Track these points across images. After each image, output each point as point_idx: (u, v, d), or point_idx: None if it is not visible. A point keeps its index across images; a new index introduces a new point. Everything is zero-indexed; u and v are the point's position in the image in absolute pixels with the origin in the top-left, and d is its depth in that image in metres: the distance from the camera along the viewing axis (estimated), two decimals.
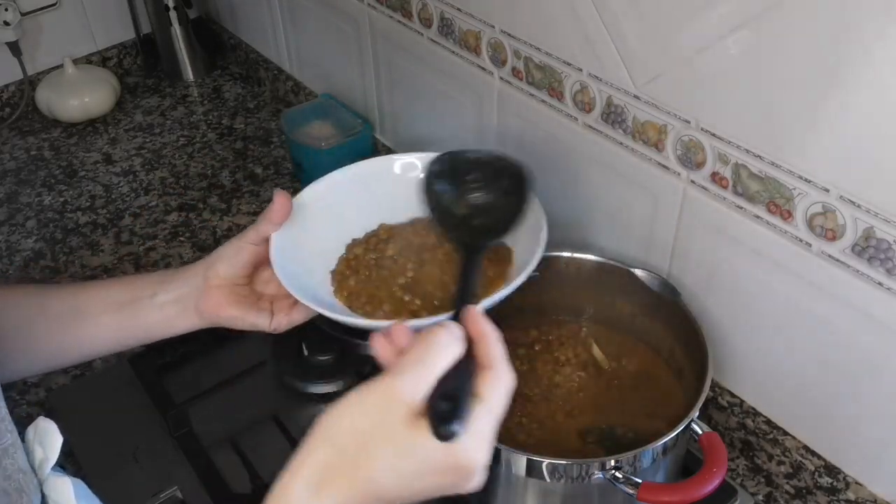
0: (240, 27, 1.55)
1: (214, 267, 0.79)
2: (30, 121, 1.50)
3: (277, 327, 0.80)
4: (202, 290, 0.78)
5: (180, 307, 0.79)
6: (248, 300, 0.80)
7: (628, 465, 0.70)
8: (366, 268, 0.86)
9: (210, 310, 0.78)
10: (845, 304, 0.72)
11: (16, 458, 0.60)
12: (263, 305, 0.80)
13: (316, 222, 0.87)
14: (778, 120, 0.70)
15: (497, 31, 0.93)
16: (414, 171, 0.92)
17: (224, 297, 0.78)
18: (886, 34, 0.59)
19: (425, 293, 0.84)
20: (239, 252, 0.79)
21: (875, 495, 0.78)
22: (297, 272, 0.81)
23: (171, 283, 0.79)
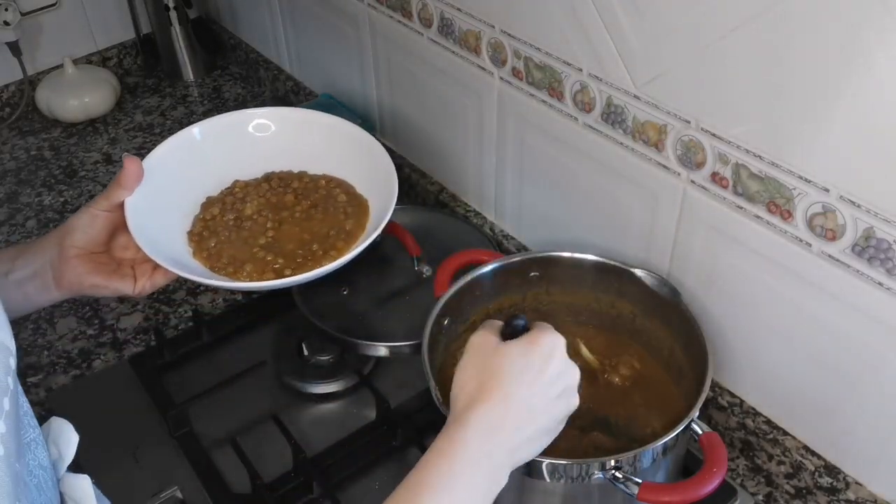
0: (240, 27, 1.55)
1: (70, 237, 0.78)
2: (30, 121, 1.50)
3: (141, 291, 0.80)
4: (59, 262, 0.77)
5: (38, 282, 0.78)
6: (108, 267, 0.79)
7: (628, 465, 0.70)
8: (224, 228, 0.87)
9: (71, 281, 0.78)
10: (845, 304, 0.72)
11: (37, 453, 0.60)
12: (125, 271, 0.80)
13: (170, 182, 0.87)
14: (778, 120, 0.70)
15: (497, 31, 0.93)
16: (267, 132, 0.93)
17: (83, 266, 0.78)
18: (886, 34, 0.59)
19: (286, 252, 0.85)
20: (93, 220, 0.78)
21: (875, 495, 0.78)
22: (156, 235, 0.81)
23: (24, 258, 0.78)
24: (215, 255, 0.85)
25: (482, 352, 0.68)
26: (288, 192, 0.91)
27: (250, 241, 0.86)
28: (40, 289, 0.78)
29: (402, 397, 0.92)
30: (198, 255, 0.85)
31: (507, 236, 1.10)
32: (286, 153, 0.94)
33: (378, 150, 0.91)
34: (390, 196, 0.85)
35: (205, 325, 1.01)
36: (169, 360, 0.99)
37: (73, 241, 0.77)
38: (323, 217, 0.89)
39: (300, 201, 0.90)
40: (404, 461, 0.89)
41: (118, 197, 0.79)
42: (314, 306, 0.96)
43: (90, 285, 0.78)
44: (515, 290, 0.90)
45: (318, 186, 0.93)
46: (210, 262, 0.84)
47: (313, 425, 0.93)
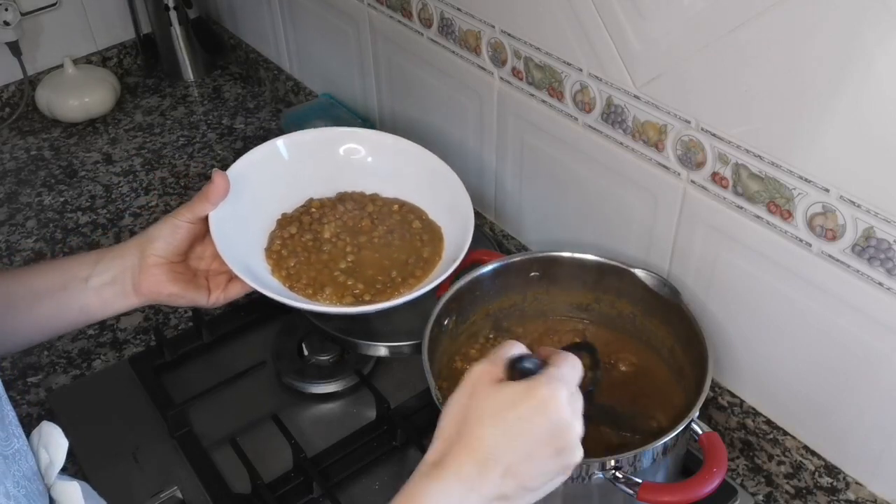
0: (240, 27, 1.55)
1: (152, 245, 0.78)
2: (30, 121, 1.50)
3: (215, 302, 0.81)
4: (139, 269, 0.78)
5: (117, 288, 0.78)
6: (185, 277, 0.80)
7: (628, 465, 0.70)
8: (303, 249, 0.87)
9: (150, 288, 0.78)
10: (845, 304, 0.72)
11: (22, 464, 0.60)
12: (200, 282, 0.81)
13: (248, 195, 0.87)
14: (778, 120, 0.70)
15: (497, 31, 0.93)
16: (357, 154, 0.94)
17: (163, 275, 0.78)
18: (887, 34, 0.59)
19: (366, 277, 0.85)
20: (176, 230, 0.79)
21: (875, 495, 0.78)
22: (236, 249, 0.82)
23: (104, 263, 0.79)
24: (294, 276, 0.85)
25: (476, 388, 0.61)
26: (364, 217, 0.91)
27: (330, 265, 0.86)
28: (119, 295, 0.79)
29: (402, 397, 0.92)
30: (276, 274, 0.85)
31: (507, 236, 1.10)
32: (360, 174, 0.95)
33: (454, 180, 0.91)
34: (466, 226, 0.85)
35: (205, 325, 1.01)
36: (169, 360, 0.99)
37: (155, 249, 0.79)
38: (400, 243, 0.90)
39: (377, 226, 0.90)
40: (404, 461, 0.89)
41: (203, 210, 0.80)
42: None
43: (168, 294, 0.79)
44: (515, 290, 0.90)
45: (392, 211, 0.93)
46: (289, 281, 0.84)
47: (313, 425, 0.93)
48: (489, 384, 0.60)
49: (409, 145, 0.96)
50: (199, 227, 0.81)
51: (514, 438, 0.58)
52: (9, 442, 0.59)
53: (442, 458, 0.58)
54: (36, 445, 0.66)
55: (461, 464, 0.58)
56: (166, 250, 0.79)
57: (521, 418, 0.58)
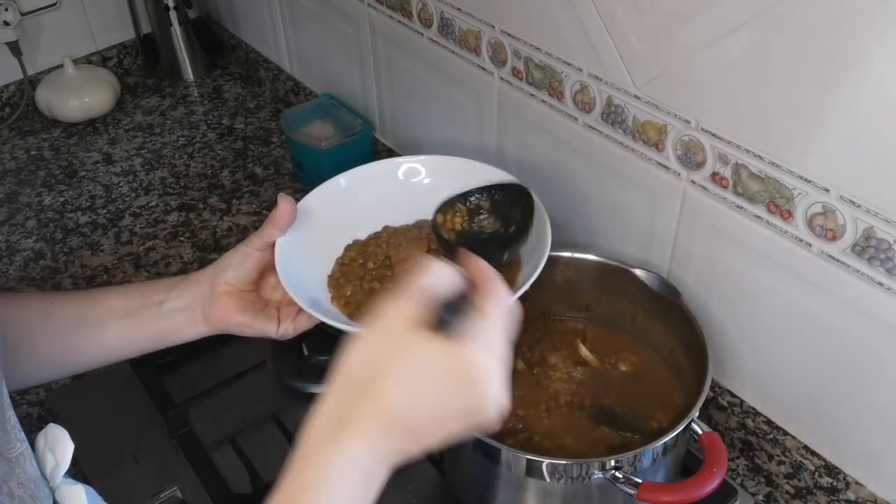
0: (240, 27, 1.55)
1: (222, 274, 0.79)
2: (30, 121, 1.50)
3: (284, 334, 0.80)
4: (210, 297, 0.78)
5: (189, 314, 0.79)
6: (255, 307, 0.80)
7: (628, 465, 0.70)
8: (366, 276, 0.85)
9: (219, 317, 0.78)
10: (845, 304, 0.72)
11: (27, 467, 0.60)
12: (270, 312, 0.80)
13: (320, 227, 0.86)
14: (778, 120, 0.70)
15: (497, 31, 0.93)
16: (417, 176, 0.92)
17: (232, 303, 0.78)
18: (886, 34, 0.59)
19: None
20: (245, 258, 0.79)
21: (875, 495, 0.78)
22: (302, 279, 0.81)
23: (178, 290, 0.79)
24: (353, 304, 0.82)
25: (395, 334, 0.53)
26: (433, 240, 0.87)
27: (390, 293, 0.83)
28: (189, 321, 0.79)
29: None
30: (335, 302, 0.82)
31: None
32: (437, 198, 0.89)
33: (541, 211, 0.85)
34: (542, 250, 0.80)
35: None
36: (169, 360, 0.99)
37: (224, 277, 0.79)
38: None
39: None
40: None
41: (271, 236, 0.80)
42: None
43: (236, 323, 0.79)
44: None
45: None
46: (347, 309, 0.81)
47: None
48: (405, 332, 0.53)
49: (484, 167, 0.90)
50: (270, 255, 0.80)
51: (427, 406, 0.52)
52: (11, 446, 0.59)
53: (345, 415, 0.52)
54: (42, 448, 0.66)
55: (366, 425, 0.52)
56: (236, 278, 0.79)
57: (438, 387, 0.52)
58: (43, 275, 1.17)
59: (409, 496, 0.86)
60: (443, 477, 0.86)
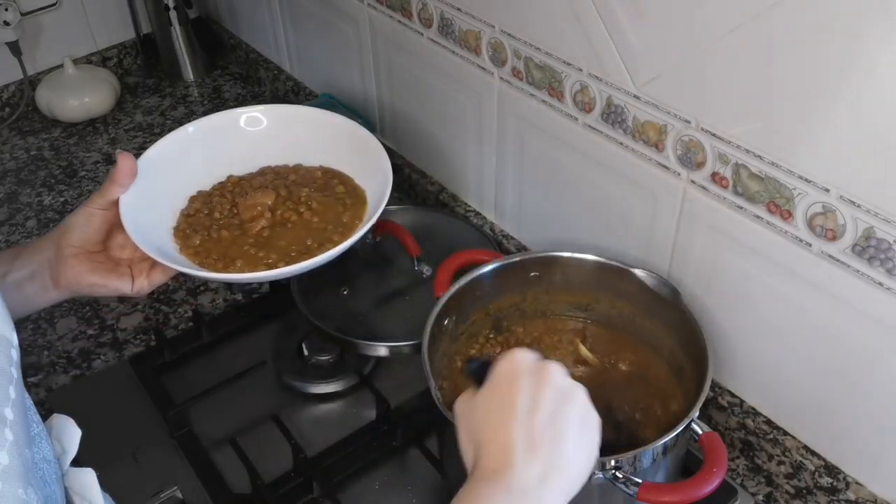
0: (240, 27, 1.55)
1: (67, 236, 0.77)
2: (30, 121, 1.50)
3: (140, 290, 0.80)
4: (56, 261, 0.77)
5: (37, 283, 0.78)
6: (105, 266, 0.79)
7: (628, 465, 0.70)
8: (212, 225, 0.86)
9: (69, 280, 0.77)
10: (845, 304, 0.72)
11: (41, 447, 0.60)
12: (122, 270, 0.79)
13: (165, 179, 0.86)
14: (778, 120, 0.70)
15: (497, 31, 0.93)
16: (259, 125, 0.93)
17: (81, 265, 0.77)
18: (886, 34, 0.59)
19: (280, 247, 0.84)
20: (89, 218, 0.78)
21: (875, 495, 0.78)
22: (150, 232, 0.81)
23: (22, 259, 0.78)
24: (203, 252, 0.84)
25: (464, 414, 0.65)
26: (282, 186, 0.90)
27: (240, 239, 0.85)
28: (39, 289, 0.78)
29: (402, 397, 0.92)
30: (184, 252, 0.84)
31: (507, 236, 1.10)
32: (280, 147, 0.94)
33: (373, 143, 0.90)
34: (385, 185, 0.84)
35: (205, 325, 1.01)
36: (169, 360, 0.99)
37: (70, 240, 0.77)
38: (321, 210, 0.88)
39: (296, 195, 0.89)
40: (404, 461, 0.89)
41: (113, 194, 0.79)
42: (314, 306, 0.96)
43: (88, 284, 0.78)
44: (515, 290, 0.90)
45: (315, 178, 0.92)
46: (198, 258, 0.83)
47: (313, 425, 0.93)
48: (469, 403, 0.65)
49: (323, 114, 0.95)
50: (114, 213, 0.79)
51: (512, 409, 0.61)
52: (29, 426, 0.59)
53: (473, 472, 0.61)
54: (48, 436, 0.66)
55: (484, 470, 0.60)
56: (82, 239, 0.78)
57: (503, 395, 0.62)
58: None
59: (409, 496, 0.86)
60: (443, 477, 0.86)
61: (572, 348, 0.89)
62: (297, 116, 0.95)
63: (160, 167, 0.86)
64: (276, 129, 0.94)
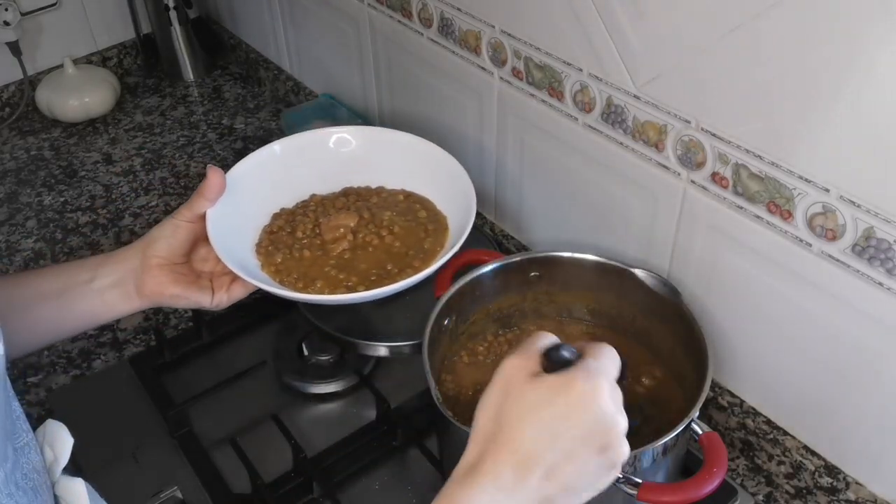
0: (240, 27, 1.55)
1: (153, 247, 0.79)
2: (30, 121, 1.50)
3: (219, 304, 0.81)
4: (141, 271, 0.78)
5: (121, 291, 0.79)
6: (187, 278, 0.80)
7: (628, 465, 0.70)
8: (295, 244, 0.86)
9: (152, 290, 0.78)
10: (845, 304, 0.72)
11: (31, 457, 0.60)
12: (203, 283, 0.80)
13: (250, 196, 0.87)
14: (778, 120, 0.70)
15: (497, 31, 0.93)
16: (346, 146, 0.93)
17: (165, 276, 0.78)
18: (886, 34, 0.59)
19: (360, 270, 0.85)
20: (176, 230, 0.79)
21: (875, 495, 0.78)
22: (234, 248, 0.82)
23: (107, 266, 0.79)
24: (283, 271, 0.84)
25: (509, 384, 0.57)
26: (364, 209, 0.90)
27: (321, 259, 0.85)
28: (122, 297, 0.79)
29: (402, 397, 0.92)
30: (266, 269, 0.85)
31: (507, 236, 1.10)
32: (364, 169, 0.94)
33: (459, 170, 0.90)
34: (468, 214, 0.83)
35: (205, 325, 1.01)
36: (169, 360, 0.99)
37: (156, 250, 0.79)
38: (403, 234, 0.89)
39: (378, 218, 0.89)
40: (404, 461, 0.89)
41: (200, 207, 0.80)
42: (314, 306, 0.96)
43: (170, 295, 0.79)
44: (515, 290, 0.90)
45: (397, 202, 0.92)
46: (278, 276, 0.84)
47: (313, 425, 0.93)
48: (524, 379, 0.57)
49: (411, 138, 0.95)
50: (200, 226, 0.81)
51: (554, 437, 0.55)
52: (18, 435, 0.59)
53: (478, 461, 0.56)
54: (41, 443, 0.66)
55: (498, 467, 0.55)
56: (167, 251, 0.79)
57: (561, 415, 0.55)
58: None
59: (409, 496, 0.86)
60: (443, 477, 0.86)
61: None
62: (385, 139, 0.95)
63: (247, 184, 0.87)
64: (363, 151, 0.94)
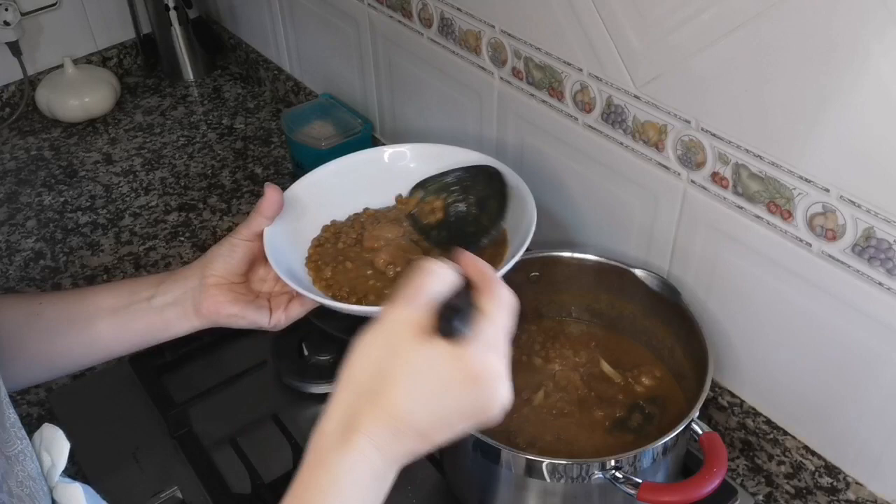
0: (240, 27, 1.55)
1: (211, 266, 0.79)
2: (30, 121, 1.50)
3: (277, 324, 0.80)
4: (200, 290, 0.78)
5: (179, 309, 0.79)
6: (246, 298, 0.80)
7: (628, 465, 0.70)
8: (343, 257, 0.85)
9: (210, 309, 0.78)
10: (845, 304, 0.72)
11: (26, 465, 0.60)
12: (261, 303, 0.80)
13: (308, 214, 0.87)
14: (778, 120, 0.70)
15: (497, 31, 0.93)
16: (402, 160, 0.92)
17: (223, 295, 0.78)
18: (886, 34, 0.59)
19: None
20: (233, 249, 0.79)
21: (875, 495, 0.78)
22: (292, 265, 0.81)
23: (167, 284, 0.79)
24: (334, 285, 0.82)
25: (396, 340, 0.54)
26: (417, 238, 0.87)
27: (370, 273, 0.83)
28: (180, 316, 0.79)
29: None
30: (317, 284, 0.83)
31: None
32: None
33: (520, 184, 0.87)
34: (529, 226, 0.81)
35: None
36: (169, 360, 0.99)
37: (214, 269, 0.79)
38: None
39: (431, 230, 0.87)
40: None
41: (258, 226, 0.80)
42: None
43: (227, 315, 0.79)
44: (515, 290, 0.89)
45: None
46: (330, 291, 0.82)
47: (313, 425, 0.92)
48: (412, 338, 0.53)
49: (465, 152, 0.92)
50: (258, 245, 0.80)
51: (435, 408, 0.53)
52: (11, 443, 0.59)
53: (352, 417, 0.53)
54: (38, 448, 0.66)
55: (376, 426, 0.53)
56: (225, 270, 0.79)
57: (446, 387, 0.53)
58: (43, 275, 1.17)
59: (409, 496, 0.86)
60: (443, 477, 0.86)
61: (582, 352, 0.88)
62: (443, 155, 0.93)
63: (303, 202, 0.87)
64: (419, 165, 0.92)
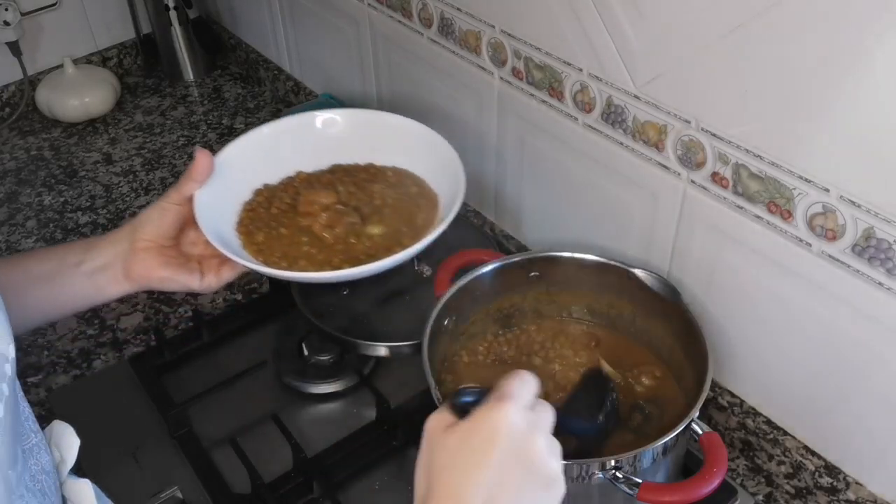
0: (240, 27, 1.55)
1: (141, 230, 0.79)
2: (30, 121, 1.50)
3: (209, 287, 0.81)
4: (129, 253, 0.78)
5: (109, 274, 0.79)
6: (176, 261, 0.80)
7: (628, 465, 0.70)
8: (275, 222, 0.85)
9: (140, 273, 0.79)
10: (845, 304, 0.72)
11: (40, 458, 0.60)
12: (192, 266, 0.81)
13: (237, 178, 0.87)
14: (778, 120, 0.70)
15: (497, 31, 0.93)
16: (335, 127, 0.93)
17: (153, 259, 0.79)
18: (886, 34, 0.59)
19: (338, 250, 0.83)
20: (164, 213, 0.79)
21: (875, 495, 0.78)
22: (222, 229, 0.81)
23: (96, 250, 0.79)
24: (266, 250, 0.83)
25: (431, 441, 0.59)
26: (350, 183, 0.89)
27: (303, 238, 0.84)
28: (111, 280, 0.79)
29: (402, 397, 0.92)
30: (248, 248, 0.83)
31: (507, 236, 1.10)
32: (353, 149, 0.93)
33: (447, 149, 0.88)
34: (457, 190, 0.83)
35: (205, 325, 1.01)
36: (169, 360, 0.99)
37: (144, 233, 0.79)
38: (392, 212, 0.87)
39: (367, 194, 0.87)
40: (404, 461, 0.89)
41: (188, 189, 0.80)
42: (314, 306, 0.96)
43: (158, 278, 0.79)
44: (515, 290, 0.90)
45: (387, 177, 0.91)
46: (261, 255, 0.82)
47: (313, 425, 0.93)
48: (441, 432, 0.59)
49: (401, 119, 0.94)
50: (188, 209, 0.80)
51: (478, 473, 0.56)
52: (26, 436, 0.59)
53: None
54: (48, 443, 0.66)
55: None
56: (155, 233, 0.79)
57: (476, 451, 0.56)
58: None
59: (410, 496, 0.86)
60: None
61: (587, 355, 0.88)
62: (374, 121, 0.95)
63: (235, 166, 0.87)
64: (351, 131, 0.93)
